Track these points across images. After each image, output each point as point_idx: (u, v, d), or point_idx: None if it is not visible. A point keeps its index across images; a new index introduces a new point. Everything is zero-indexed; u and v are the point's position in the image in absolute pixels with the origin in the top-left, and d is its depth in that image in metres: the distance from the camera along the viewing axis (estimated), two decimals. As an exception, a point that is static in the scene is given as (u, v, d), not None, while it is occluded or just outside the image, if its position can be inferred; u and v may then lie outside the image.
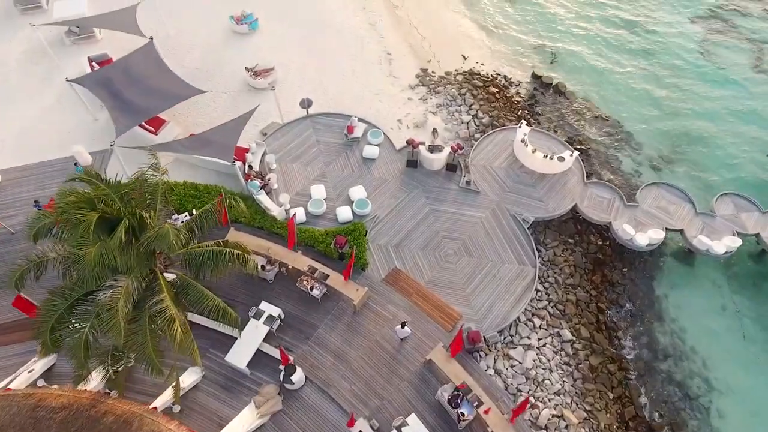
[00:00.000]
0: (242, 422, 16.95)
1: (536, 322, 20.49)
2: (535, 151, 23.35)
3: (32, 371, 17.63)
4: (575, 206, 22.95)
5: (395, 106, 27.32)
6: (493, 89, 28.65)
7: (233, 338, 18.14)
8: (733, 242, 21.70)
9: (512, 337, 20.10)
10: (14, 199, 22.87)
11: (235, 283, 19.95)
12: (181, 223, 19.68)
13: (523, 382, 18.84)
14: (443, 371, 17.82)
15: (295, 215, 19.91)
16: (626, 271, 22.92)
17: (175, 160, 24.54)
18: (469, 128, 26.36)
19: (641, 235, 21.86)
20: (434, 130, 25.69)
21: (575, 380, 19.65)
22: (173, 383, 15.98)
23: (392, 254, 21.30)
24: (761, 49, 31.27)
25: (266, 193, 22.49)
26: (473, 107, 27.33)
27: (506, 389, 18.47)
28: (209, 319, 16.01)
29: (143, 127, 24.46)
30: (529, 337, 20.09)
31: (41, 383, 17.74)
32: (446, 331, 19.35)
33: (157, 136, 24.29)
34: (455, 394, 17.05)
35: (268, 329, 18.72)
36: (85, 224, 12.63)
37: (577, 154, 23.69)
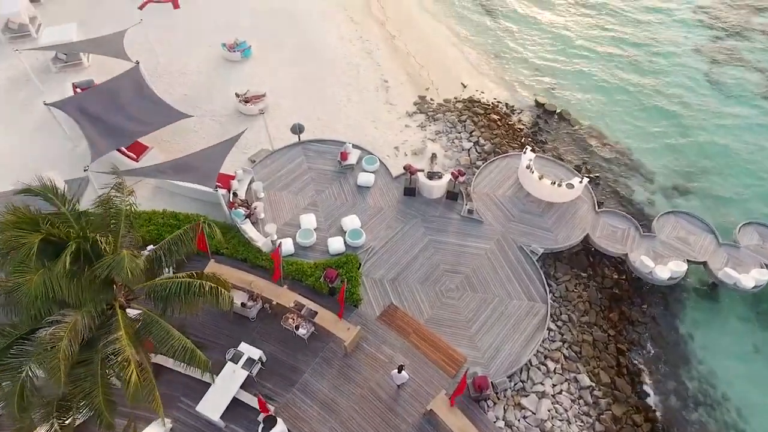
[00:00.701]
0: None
1: (550, 365, 18.26)
2: (541, 177, 21.78)
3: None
4: (587, 237, 21.16)
5: (392, 133, 26.01)
6: (494, 116, 27.42)
7: (209, 385, 15.92)
8: (762, 275, 19.78)
9: (524, 383, 17.85)
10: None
11: (211, 321, 17.89)
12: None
13: (537, 436, 16.47)
14: (446, 424, 15.53)
15: (280, 245, 18.05)
16: (646, 307, 20.85)
17: (156, 188, 23.00)
18: (470, 155, 24.91)
19: (661, 267, 19.95)
20: (433, 155, 24.23)
21: (597, 434, 17.27)
22: (132, 440, 13.69)
23: (388, 289, 19.31)
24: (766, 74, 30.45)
25: (252, 223, 20.76)
26: (474, 134, 25.99)
27: (519, 445, 16.09)
28: (177, 361, 13.86)
29: (123, 153, 23.02)
30: (542, 383, 17.83)
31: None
32: (449, 376, 17.12)
33: (138, 162, 22.76)
34: (461, 451, 14.71)
35: (246, 374, 16.51)
36: (25, 248, 10.79)
37: (587, 180, 22.13)
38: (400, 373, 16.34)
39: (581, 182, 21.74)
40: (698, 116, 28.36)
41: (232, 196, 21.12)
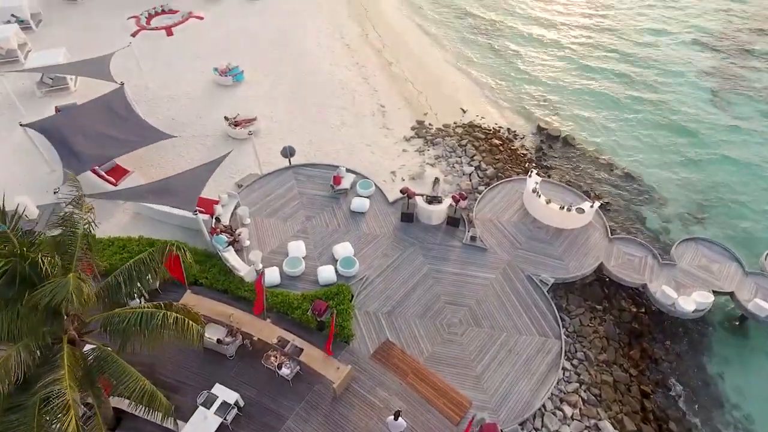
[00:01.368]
0: None
1: (567, 410, 16.08)
2: (549, 202, 20.23)
3: None
4: (601, 265, 19.39)
5: (389, 157, 24.68)
6: (496, 141, 26.18)
7: (178, 434, 13.85)
8: (796, 307, 17.89)
9: (537, 431, 15.63)
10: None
11: (184, 359, 15.91)
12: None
13: (556, 495, 14.17)
14: (450, 481, 13.29)
15: (263, 273, 16.24)
16: (669, 344, 18.83)
17: (135, 214, 21.41)
18: (471, 180, 23.45)
19: (685, 299, 18.08)
20: (436, 179, 22.81)
21: (624, 492, 14.93)
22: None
23: (383, 323, 17.38)
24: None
25: (236, 250, 19.06)
26: (475, 158, 24.65)
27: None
28: (136, 404, 11.86)
29: (102, 176, 21.60)
30: (559, 431, 15.60)
31: None
32: (453, 423, 14.97)
33: (117, 186, 21.28)
34: None
35: (220, 421, 14.36)
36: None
37: (598, 204, 20.55)
38: (396, 420, 14.21)
39: (592, 207, 20.17)
40: (708, 140, 27.27)
41: (214, 221, 19.50)
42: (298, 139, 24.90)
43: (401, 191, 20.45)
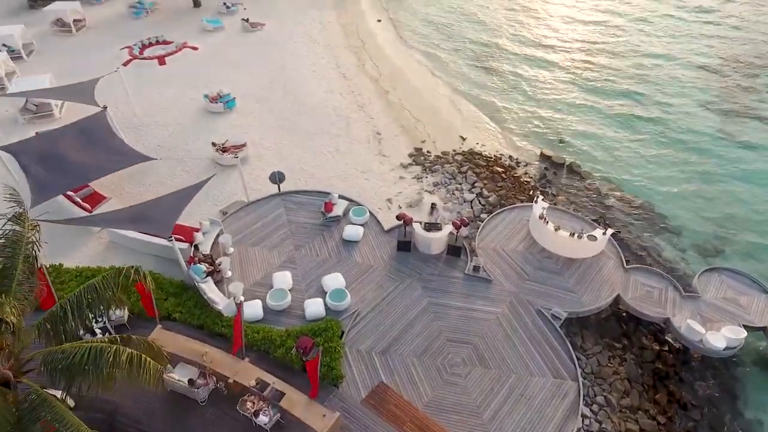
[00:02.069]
0: None
1: (589, 465, 13.94)
2: (558, 229, 18.67)
3: None
4: (617, 298, 17.61)
5: (385, 185, 23.32)
6: (497, 168, 24.91)
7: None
8: (839, 345, 16.00)
9: (556, 490, 13.45)
10: None
11: (149, 404, 13.86)
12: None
13: None
14: None
15: (241, 306, 14.42)
16: (698, 386, 16.77)
17: (110, 243, 19.80)
18: (473, 207, 21.99)
19: (714, 335, 16.22)
20: (433, 205, 21.37)
21: None
22: None
23: (377, 364, 15.44)
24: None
25: (215, 282, 17.33)
26: (476, 185, 23.30)
27: None
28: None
29: (77, 203, 20.19)
30: (581, 490, 13.43)
31: None
32: (457, 482, 12.81)
33: (92, 213, 19.76)
34: None
35: (184, 480, 12.24)
36: None
37: (611, 232, 18.98)
38: (391, 478, 12.11)
39: (604, 234, 18.59)
40: (718, 165, 26.21)
41: (193, 250, 17.86)
42: (289, 165, 23.63)
43: (397, 217, 18.94)
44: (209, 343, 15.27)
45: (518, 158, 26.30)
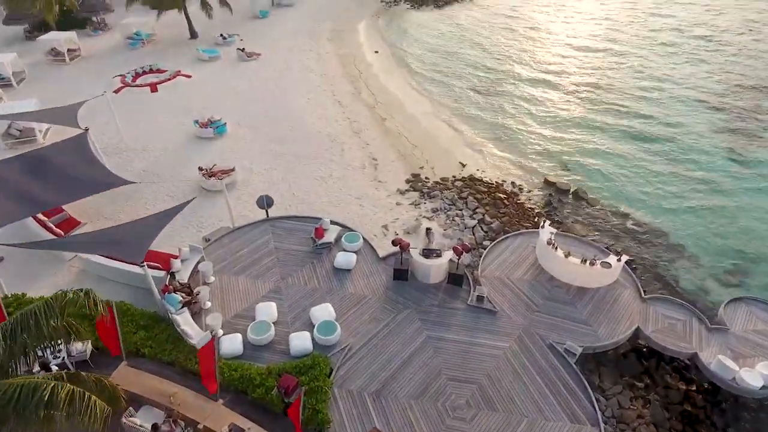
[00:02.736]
0: None
1: None
2: (568, 255, 17.17)
3: None
4: (637, 331, 15.91)
5: (380, 211, 21.97)
6: (500, 195, 23.62)
7: None
8: None
9: None
10: None
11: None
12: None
13: None
14: None
15: (213, 338, 12.71)
16: (733, 432, 14.86)
17: (81, 272, 18.27)
18: (474, 234, 20.57)
19: (749, 372, 14.42)
20: (428, 229, 19.91)
21: None
22: None
23: (370, 406, 13.61)
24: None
25: (193, 313, 15.68)
26: (478, 211, 21.96)
27: None
28: None
29: (50, 229, 18.81)
30: None
31: None
32: None
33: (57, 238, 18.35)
34: None
35: None
36: None
37: (626, 258, 17.46)
38: None
39: (619, 260, 17.08)
40: (731, 191, 24.97)
41: (168, 278, 16.30)
42: (280, 191, 22.42)
43: (393, 242, 17.48)
44: (180, 382, 13.53)
45: (521, 185, 25.05)
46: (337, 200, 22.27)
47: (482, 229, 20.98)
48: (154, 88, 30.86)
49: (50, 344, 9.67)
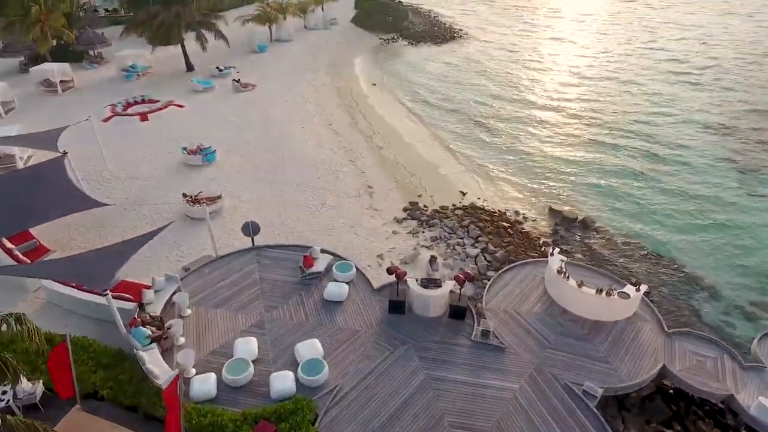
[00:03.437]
0: None
1: None
2: (581, 285, 15.60)
3: None
4: (663, 369, 14.13)
5: (376, 240, 20.52)
6: (503, 223, 22.25)
7: None
8: None
9: None
10: None
11: None
12: None
13: None
14: None
15: (178, 378, 10.95)
16: (781, 489, 12.82)
17: (48, 304, 16.61)
18: (477, 263, 19.03)
19: (796, 417, 12.58)
20: (432, 258, 18.43)
21: None
22: None
23: (361, 458, 11.71)
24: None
25: (163, 350, 13.96)
26: (481, 239, 20.50)
27: None
28: None
29: (15, 257, 17.23)
30: None
31: None
32: None
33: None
34: None
35: None
36: None
37: (645, 288, 15.86)
38: None
39: (638, 290, 15.49)
40: (746, 219, 23.81)
41: (138, 311, 14.65)
42: (268, 218, 21.05)
43: (388, 271, 15.95)
44: (140, 430, 11.67)
45: (525, 213, 23.74)
46: (329, 228, 20.88)
47: (485, 258, 19.47)
48: (144, 117, 30.09)
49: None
